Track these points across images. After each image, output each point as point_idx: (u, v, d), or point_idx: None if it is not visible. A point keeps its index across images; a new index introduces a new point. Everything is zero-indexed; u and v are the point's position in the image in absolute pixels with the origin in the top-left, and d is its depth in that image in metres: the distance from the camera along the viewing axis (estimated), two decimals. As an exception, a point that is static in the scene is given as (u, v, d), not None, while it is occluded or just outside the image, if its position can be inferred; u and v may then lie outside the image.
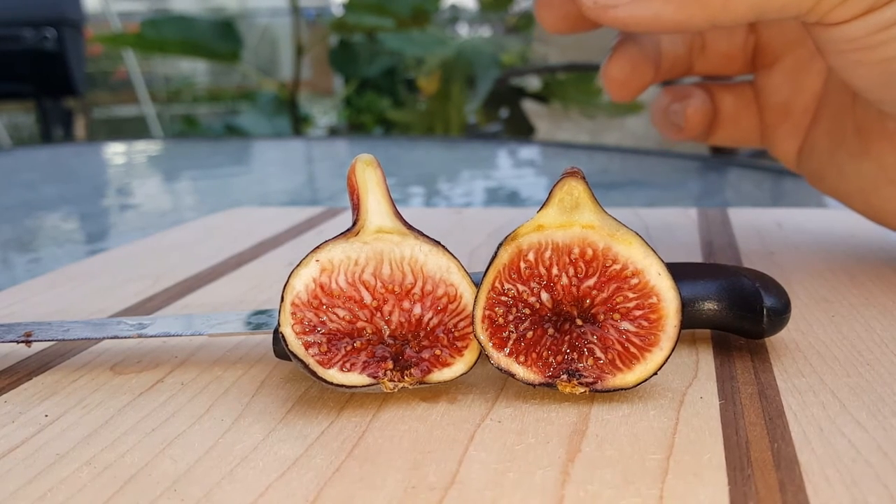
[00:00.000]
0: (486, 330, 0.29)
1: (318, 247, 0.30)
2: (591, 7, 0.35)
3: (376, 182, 0.30)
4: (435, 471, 0.24)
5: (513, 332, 0.29)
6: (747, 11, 0.34)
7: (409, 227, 0.30)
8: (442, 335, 0.29)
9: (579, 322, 0.29)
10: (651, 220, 0.60)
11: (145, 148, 1.58)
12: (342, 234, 0.30)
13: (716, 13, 0.33)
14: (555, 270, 0.29)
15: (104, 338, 0.34)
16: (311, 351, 0.28)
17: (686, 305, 0.31)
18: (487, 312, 0.29)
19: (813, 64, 0.44)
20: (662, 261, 0.29)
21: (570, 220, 0.29)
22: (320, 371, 0.28)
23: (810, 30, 0.37)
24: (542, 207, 0.30)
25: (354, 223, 0.30)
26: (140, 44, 2.85)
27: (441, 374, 0.29)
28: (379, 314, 0.29)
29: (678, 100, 0.46)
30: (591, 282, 0.29)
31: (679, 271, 0.31)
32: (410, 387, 0.28)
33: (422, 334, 0.29)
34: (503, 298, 0.29)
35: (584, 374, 0.28)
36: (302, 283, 0.29)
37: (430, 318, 0.30)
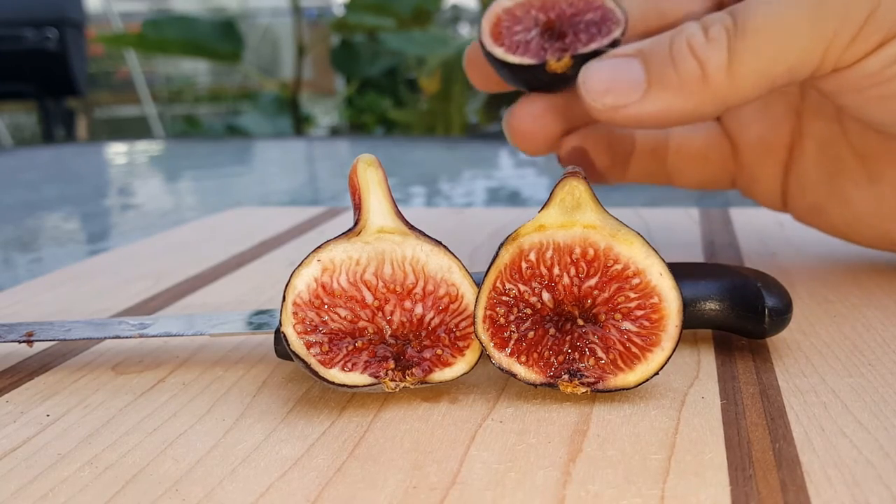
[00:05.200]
0: (488, 330, 0.29)
1: (319, 246, 0.30)
2: (601, 110, 0.34)
3: (378, 182, 0.30)
4: (436, 471, 0.24)
5: (514, 332, 0.29)
6: (756, 84, 0.32)
7: (411, 226, 0.30)
8: (443, 335, 0.29)
9: (581, 322, 0.29)
10: (652, 219, 0.60)
11: (147, 148, 1.58)
12: (344, 233, 0.30)
13: (725, 95, 0.33)
14: (556, 270, 0.29)
15: (105, 338, 0.34)
16: (312, 351, 0.28)
17: (687, 305, 0.31)
18: (489, 312, 0.29)
19: (779, 97, 0.42)
20: (664, 261, 0.29)
21: (571, 220, 0.29)
22: (322, 371, 0.28)
23: (820, 83, 0.35)
24: (543, 207, 0.30)
25: (356, 223, 0.30)
26: (141, 44, 2.85)
27: (442, 374, 0.29)
28: (380, 314, 0.29)
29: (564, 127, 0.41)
30: (592, 282, 0.29)
31: (680, 271, 0.31)
32: (412, 387, 0.28)
33: (423, 334, 0.29)
34: (504, 298, 0.29)
35: (586, 373, 0.28)
36: (304, 282, 0.29)
37: (432, 318, 0.29)
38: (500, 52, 0.37)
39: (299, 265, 0.29)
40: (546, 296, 0.29)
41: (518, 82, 0.39)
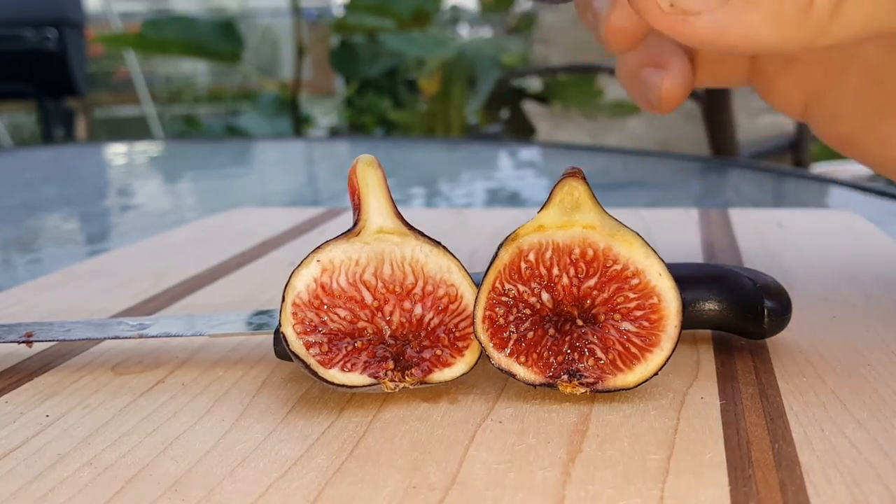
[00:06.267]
0: (487, 330, 0.29)
1: (319, 247, 0.30)
2: (661, 15, 0.27)
3: (377, 182, 0.30)
4: (436, 471, 0.24)
5: (513, 332, 0.29)
6: (859, 31, 0.27)
7: (410, 227, 0.30)
8: (443, 335, 0.29)
9: (580, 322, 0.29)
10: (652, 220, 0.60)
11: (146, 148, 1.58)
12: (343, 234, 0.30)
13: (818, 34, 0.27)
14: (555, 271, 0.29)
15: (105, 338, 0.34)
16: (312, 351, 0.28)
17: (687, 306, 0.31)
18: (488, 313, 0.29)
19: None
20: (663, 261, 0.29)
21: (570, 221, 0.29)
22: (321, 371, 0.28)
23: None
24: (542, 207, 0.30)
25: (355, 223, 0.30)
26: (141, 44, 2.85)
27: (442, 375, 0.29)
28: (380, 314, 0.29)
29: (652, 65, 0.37)
30: (591, 282, 0.29)
31: (680, 272, 0.31)
32: (411, 387, 0.28)
33: (423, 334, 0.29)
34: (504, 299, 0.29)
35: (585, 374, 0.28)
36: (303, 282, 0.29)
37: (431, 319, 0.30)
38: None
39: (299, 265, 0.29)
40: (545, 296, 0.29)
41: None
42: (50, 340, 0.34)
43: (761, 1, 0.26)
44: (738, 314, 0.32)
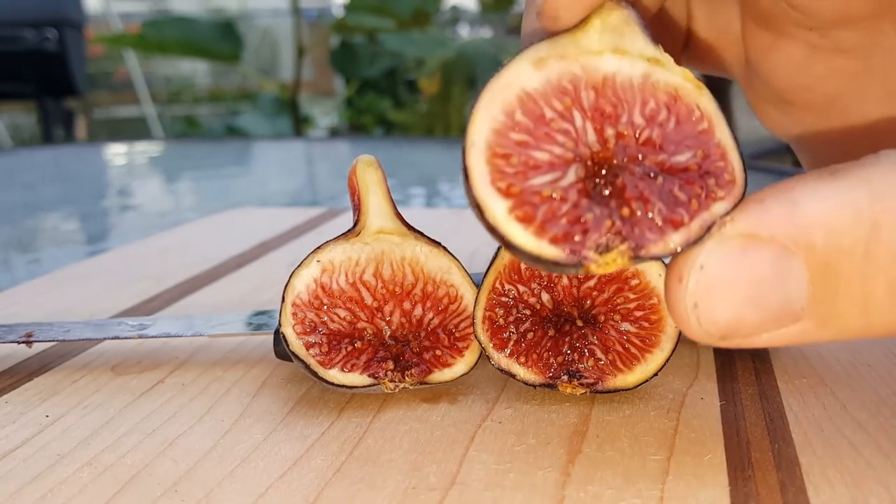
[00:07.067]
0: (487, 331, 0.29)
1: (319, 247, 0.30)
2: (708, 338, 0.21)
3: (377, 183, 0.30)
4: (435, 471, 0.24)
5: (513, 332, 0.29)
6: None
7: (410, 227, 0.30)
8: (442, 336, 0.29)
9: (580, 323, 0.29)
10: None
11: (146, 149, 1.58)
12: (343, 234, 0.30)
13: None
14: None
15: (105, 338, 0.34)
16: (311, 351, 0.28)
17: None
18: (488, 313, 0.29)
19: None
20: (663, 262, 0.29)
21: None
22: (321, 371, 0.28)
23: None
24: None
25: (355, 224, 0.30)
26: (141, 44, 2.85)
27: (442, 375, 0.29)
28: (380, 315, 0.29)
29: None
30: (591, 283, 0.29)
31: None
32: (411, 387, 0.28)
33: (422, 335, 0.29)
34: (504, 299, 0.29)
35: (585, 374, 0.28)
36: (303, 283, 0.29)
37: (431, 319, 0.30)
38: (498, 213, 0.21)
39: (298, 266, 0.29)
40: (545, 297, 0.29)
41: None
42: (50, 340, 0.34)
43: (842, 310, 0.20)
44: (737, 315, 0.32)
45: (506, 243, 0.21)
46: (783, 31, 0.30)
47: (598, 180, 0.21)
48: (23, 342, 0.33)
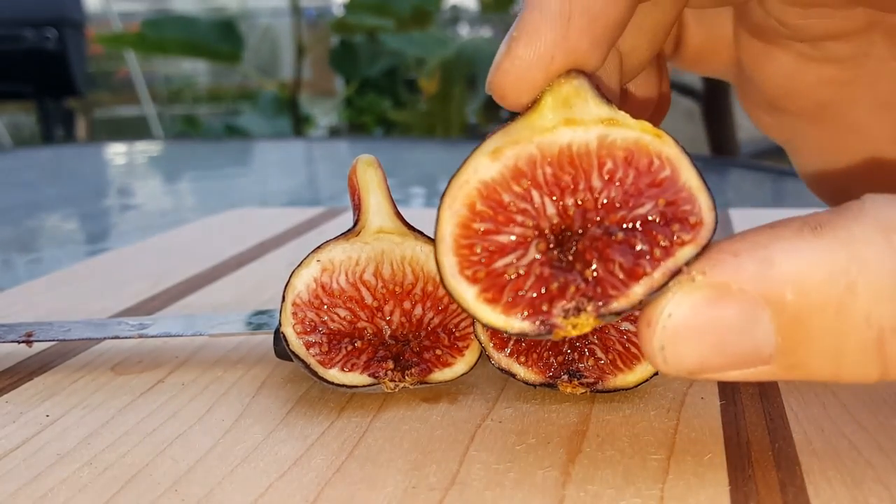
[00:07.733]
0: (487, 330, 0.28)
1: (319, 247, 0.30)
2: (675, 374, 0.21)
3: (377, 182, 0.30)
4: (435, 471, 0.24)
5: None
6: None
7: (410, 227, 0.30)
8: (443, 335, 0.29)
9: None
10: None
11: (146, 148, 1.58)
12: (343, 234, 0.30)
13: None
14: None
15: (105, 338, 0.34)
16: (312, 351, 0.28)
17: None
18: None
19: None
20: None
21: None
22: (321, 371, 0.28)
23: None
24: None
25: (355, 223, 0.30)
26: (141, 44, 2.85)
27: (442, 374, 0.29)
28: (380, 314, 0.29)
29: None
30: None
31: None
32: (411, 387, 0.28)
33: (422, 334, 0.29)
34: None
35: (585, 374, 0.28)
36: (303, 282, 0.29)
37: (431, 318, 0.30)
38: (468, 298, 0.22)
39: (299, 265, 0.29)
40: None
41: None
42: (50, 340, 0.34)
43: (809, 356, 0.20)
44: (737, 314, 0.32)
45: (481, 323, 0.23)
46: (774, 41, 0.31)
47: (559, 249, 0.22)
48: (23, 342, 0.33)
